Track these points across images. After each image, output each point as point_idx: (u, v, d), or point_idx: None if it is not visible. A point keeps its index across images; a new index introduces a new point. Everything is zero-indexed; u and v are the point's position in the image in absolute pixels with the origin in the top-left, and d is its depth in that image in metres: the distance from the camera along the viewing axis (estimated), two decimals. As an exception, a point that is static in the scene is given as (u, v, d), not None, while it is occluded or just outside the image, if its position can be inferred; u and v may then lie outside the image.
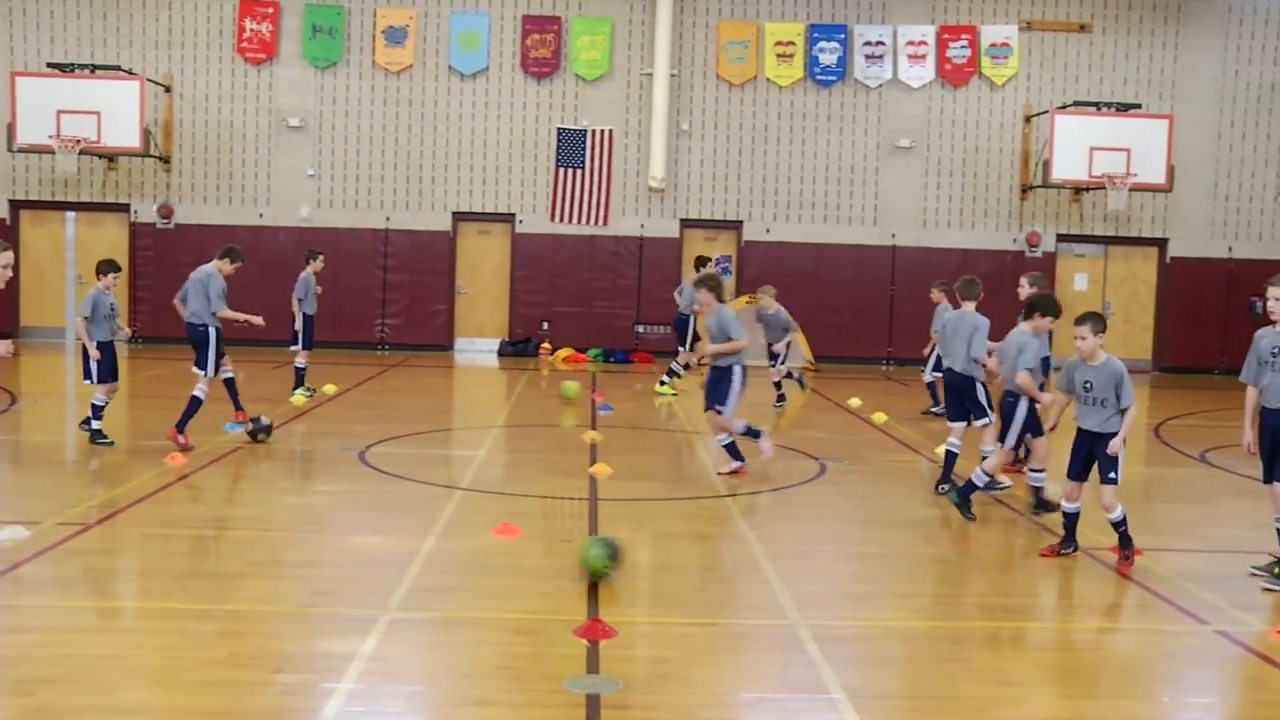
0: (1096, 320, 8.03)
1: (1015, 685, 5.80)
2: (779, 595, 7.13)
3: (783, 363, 16.54)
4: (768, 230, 23.76)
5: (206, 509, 9.55)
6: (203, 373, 11.82)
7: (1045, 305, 9.64)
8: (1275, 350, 7.70)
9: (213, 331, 11.89)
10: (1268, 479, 7.78)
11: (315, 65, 23.24)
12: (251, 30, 23.06)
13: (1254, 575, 7.82)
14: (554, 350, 23.13)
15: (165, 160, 22.85)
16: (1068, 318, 8.91)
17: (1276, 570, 7.71)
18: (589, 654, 5.96)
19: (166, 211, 23.08)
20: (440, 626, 6.47)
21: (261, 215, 23.32)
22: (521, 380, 19.51)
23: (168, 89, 22.78)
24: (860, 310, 23.68)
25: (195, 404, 11.65)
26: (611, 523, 8.97)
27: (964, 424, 10.40)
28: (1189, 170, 23.48)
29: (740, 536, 8.80)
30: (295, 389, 15.55)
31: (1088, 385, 8.02)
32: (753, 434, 11.24)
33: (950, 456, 10.55)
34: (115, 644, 6.04)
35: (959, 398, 10.36)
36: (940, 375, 11.81)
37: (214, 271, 12.02)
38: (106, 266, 11.96)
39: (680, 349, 18.70)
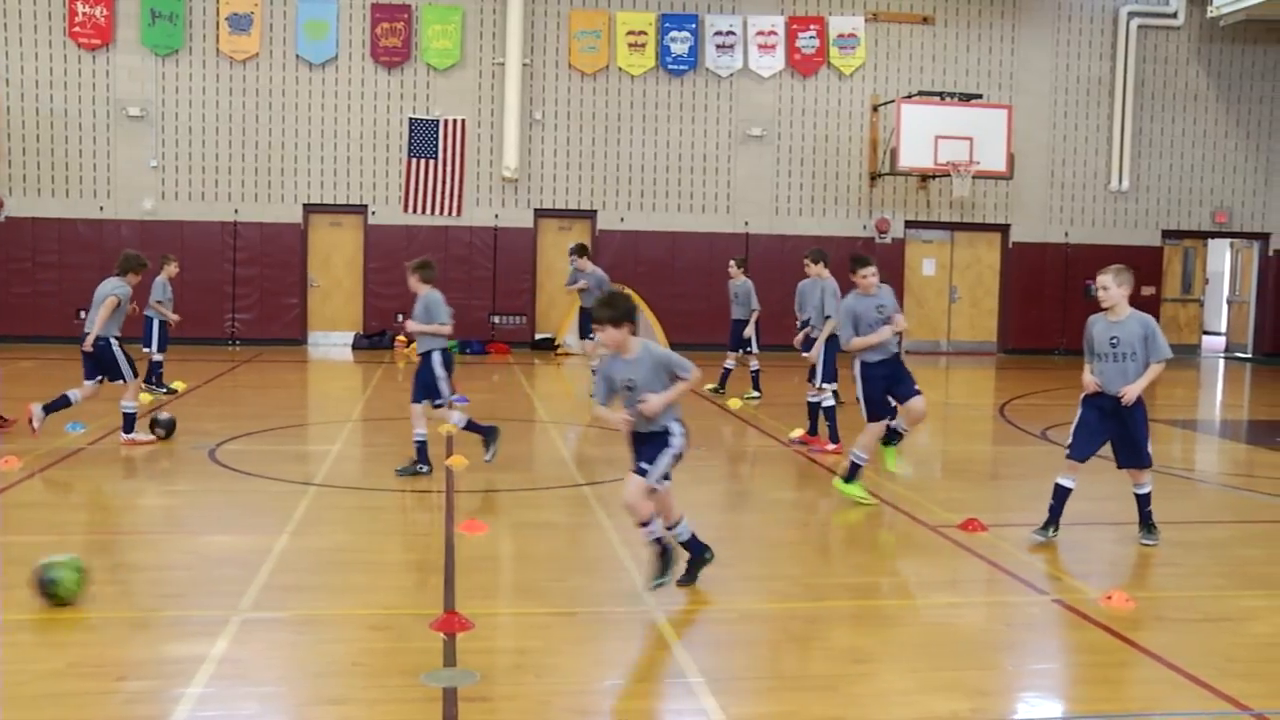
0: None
1: (867, 661, 5.95)
2: (637, 582, 7.18)
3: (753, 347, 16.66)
4: (622, 219, 23.86)
5: (47, 513, 9.16)
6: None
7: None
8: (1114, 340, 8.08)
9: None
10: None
11: (155, 52, 22.48)
12: (84, 14, 22.17)
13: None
14: (409, 343, 22.84)
15: (-6, 150, 21.89)
16: (919, 301, 9.26)
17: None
18: (446, 647, 5.91)
19: (-3, 204, 22.10)
20: (294, 625, 6.34)
21: (102, 208, 22.49)
22: (377, 374, 19.25)
23: (-7, 75, 21.82)
24: (715, 298, 23.81)
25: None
26: (469, 515, 8.91)
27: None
28: (1027, 159, 24.38)
29: (598, 525, 8.83)
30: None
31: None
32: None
33: None
34: (-56, 660, 5.75)
35: None
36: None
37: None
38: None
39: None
